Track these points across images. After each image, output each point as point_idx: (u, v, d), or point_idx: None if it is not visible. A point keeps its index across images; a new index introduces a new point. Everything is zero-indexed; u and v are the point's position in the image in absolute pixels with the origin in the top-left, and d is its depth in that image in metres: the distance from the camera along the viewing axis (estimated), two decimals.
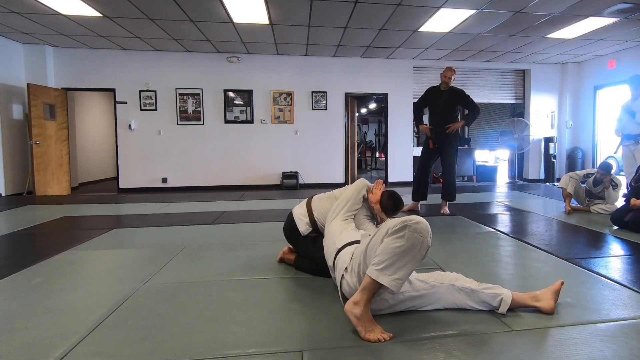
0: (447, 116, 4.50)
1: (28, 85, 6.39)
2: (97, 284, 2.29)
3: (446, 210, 4.52)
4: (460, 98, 4.48)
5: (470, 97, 4.52)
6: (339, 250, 1.88)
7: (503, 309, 1.76)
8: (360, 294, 1.59)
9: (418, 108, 4.78)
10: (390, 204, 2.25)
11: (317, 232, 2.37)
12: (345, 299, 1.74)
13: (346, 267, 1.77)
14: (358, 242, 1.89)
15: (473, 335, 1.59)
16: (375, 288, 1.58)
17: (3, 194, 6.42)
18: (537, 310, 1.79)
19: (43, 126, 6.59)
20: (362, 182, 2.30)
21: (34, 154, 6.47)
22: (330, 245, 1.99)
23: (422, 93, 4.79)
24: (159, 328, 1.68)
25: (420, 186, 4.67)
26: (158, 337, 1.60)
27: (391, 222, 1.59)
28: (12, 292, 2.14)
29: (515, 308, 1.80)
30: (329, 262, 1.97)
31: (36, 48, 6.76)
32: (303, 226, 2.37)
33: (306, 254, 2.39)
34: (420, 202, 4.79)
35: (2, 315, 1.84)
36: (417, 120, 4.80)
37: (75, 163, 7.74)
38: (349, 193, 2.24)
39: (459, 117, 4.68)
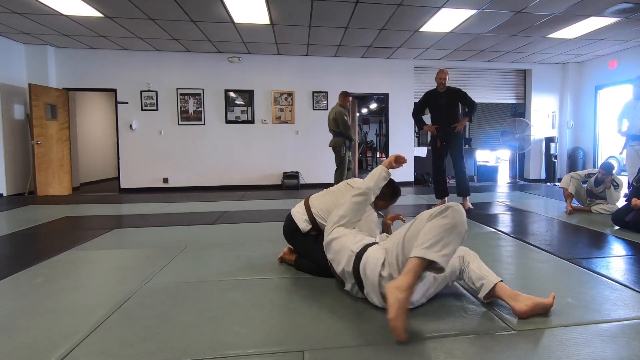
0: (452, 115, 4.71)
1: (29, 85, 6.40)
2: (98, 284, 2.29)
3: (469, 205, 4.72)
4: (460, 96, 4.70)
5: (467, 93, 4.76)
6: (361, 253, 1.82)
7: (482, 294, 1.81)
8: (405, 278, 1.53)
9: (418, 112, 4.92)
10: (390, 191, 2.38)
11: (317, 230, 2.38)
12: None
13: (383, 263, 1.71)
14: (376, 242, 1.90)
15: (474, 335, 1.59)
16: (422, 268, 1.54)
17: (5, 194, 6.43)
18: None
19: (44, 126, 6.60)
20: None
21: (36, 154, 6.49)
22: (344, 253, 1.90)
23: (423, 93, 4.91)
24: (160, 328, 1.68)
25: (440, 185, 4.87)
26: (159, 337, 1.60)
27: (430, 210, 1.66)
28: (13, 292, 2.15)
29: (495, 298, 1.84)
30: (347, 268, 1.89)
31: (37, 48, 6.77)
32: (302, 223, 2.37)
33: (307, 254, 2.39)
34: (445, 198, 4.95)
35: (3, 315, 1.84)
36: (419, 122, 4.91)
37: (77, 163, 7.76)
38: (353, 204, 2.12)
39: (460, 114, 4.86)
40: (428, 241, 1.53)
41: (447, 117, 4.69)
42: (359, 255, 1.83)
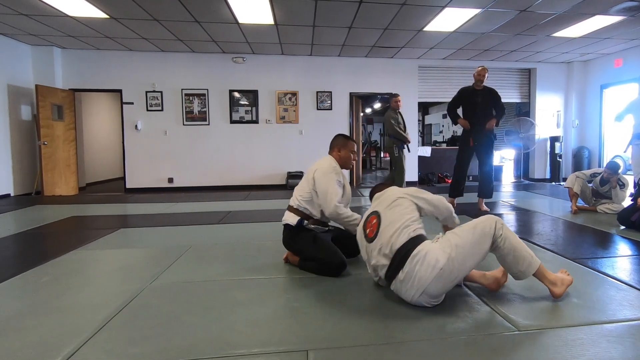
0: (486, 114, 4.63)
1: (36, 86, 6.45)
2: (104, 283, 2.31)
3: (485, 207, 4.67)
4: (495, 97, 4.66)
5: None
6: (418, 238, 1.82)
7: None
8: (551, 275, 1.92)
9: (453, 109, 4.85)
10: (342, 139, 2.62)
11: (306, 218, 2.44)
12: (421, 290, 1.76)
13: (441, 267, 1.72)
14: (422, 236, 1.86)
15: (478, 335, 1.59)
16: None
17: (12, 194, 6.49)
18: (541, 311, 1.81)
19: (51, 127, 6.65)
20: (332, 169, 2.47)
21: (42, 155, 6.54)
22: (402, 224, 1.86)
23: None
24: (165, 327, 1.69)
25: (459, 184, 4.83)
26: (164, 336, 1.62)
27: (485, 226, 1.83)
28: (21, 291, 2.18)
29: (470, 282, 2.08)
30: (394, 239, 1.83)
31: (44, 49, 6.82)
32: (290, 219, 2.47)
33: (309, 256, 2.40)
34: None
35: (11, 313, 1.86)
36: (454, 117, 4.85)
37: (83, 163, 7.81)
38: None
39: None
40: (528, 255, 1.87)
41: (482, 116, 4.59)
42: (413, 241, 1.80)
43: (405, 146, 5.66)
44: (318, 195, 2.40)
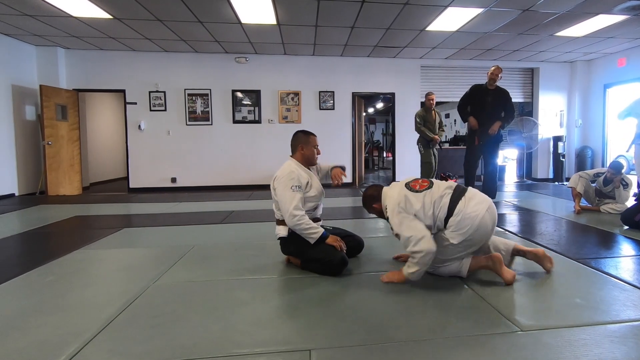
0: (495, 115, 4.63)
1: (40, 86, 6.48)
2: (108, 283, 2.33)
3: None
4: (506, 98, 4.65)
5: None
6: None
7: (464, 271, 2.15)
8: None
9: (464, 106, 4.84)
10: (302, 136, 2.53)
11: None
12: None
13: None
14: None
15: (481, 335, 1.59)
16: None
17: (16, 194, 6.53)
18: (544, 311, 1.80)
19: (55, 127, 6.68)
20: (287, 175, 2.38)
21: (47, 154, 6.57)
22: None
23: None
24: (169, 326, 1.70)
25: (467, 182, 4.87)
26: (167, 335, 1.62)
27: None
28: (25, 290, 2.19)
29: (477, 269, 2.19)
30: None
31: (48, 50, 6.85)
32: (282, 231, 2.46)
33: (310, 257, 2.40)
34: None
35: (15, 313, 1.88)
36: (464, 115, 4.84)
37: (87, 163, 7.84)
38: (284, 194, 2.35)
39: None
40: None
41: (490, 116, 4.58)
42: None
43: (431, 144, 5.74)
44: (279, 205, 2.39)
